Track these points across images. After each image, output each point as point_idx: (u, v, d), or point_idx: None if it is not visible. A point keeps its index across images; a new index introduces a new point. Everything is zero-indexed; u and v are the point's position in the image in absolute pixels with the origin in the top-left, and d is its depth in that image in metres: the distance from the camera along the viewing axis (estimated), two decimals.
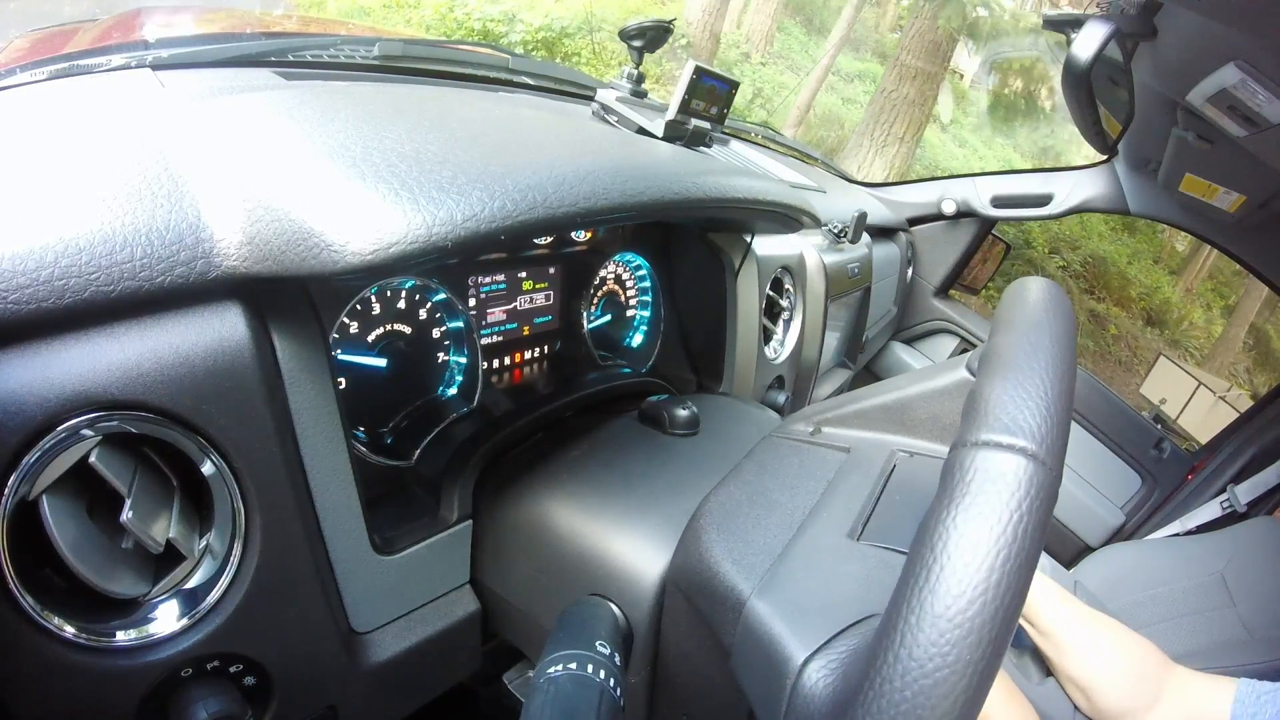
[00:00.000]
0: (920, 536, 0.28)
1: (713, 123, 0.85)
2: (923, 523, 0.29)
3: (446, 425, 0.69)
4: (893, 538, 0.45)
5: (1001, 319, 0.37)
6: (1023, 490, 0.26)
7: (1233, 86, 0.92)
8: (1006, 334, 0.35)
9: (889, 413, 0.57)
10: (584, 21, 5.51)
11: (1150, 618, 1.21)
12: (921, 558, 0.27)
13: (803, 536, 0.46)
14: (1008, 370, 0.31)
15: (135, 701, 0.42)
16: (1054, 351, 0.32)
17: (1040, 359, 0.31)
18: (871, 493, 0.49)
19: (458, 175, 0.41)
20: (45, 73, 0.55)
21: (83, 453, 0.38)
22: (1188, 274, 9.32)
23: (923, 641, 0.25)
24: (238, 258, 0.41)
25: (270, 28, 1.06)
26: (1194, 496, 1.72)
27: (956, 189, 1.91)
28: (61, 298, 0.35)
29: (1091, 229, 7.66)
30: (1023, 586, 0.26)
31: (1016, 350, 0.32)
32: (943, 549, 0.26)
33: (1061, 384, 0.30)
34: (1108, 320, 7.33)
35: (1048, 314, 0.36)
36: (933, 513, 0.28)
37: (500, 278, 0.78)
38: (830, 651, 0.36)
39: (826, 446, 0.58)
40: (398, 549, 0.56)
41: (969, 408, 0.31)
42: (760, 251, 0.95)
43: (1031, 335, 0.33)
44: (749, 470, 0.56)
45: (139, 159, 0.42)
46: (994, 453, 0.27)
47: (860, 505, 0.48)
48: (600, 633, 0.49)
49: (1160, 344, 7.58)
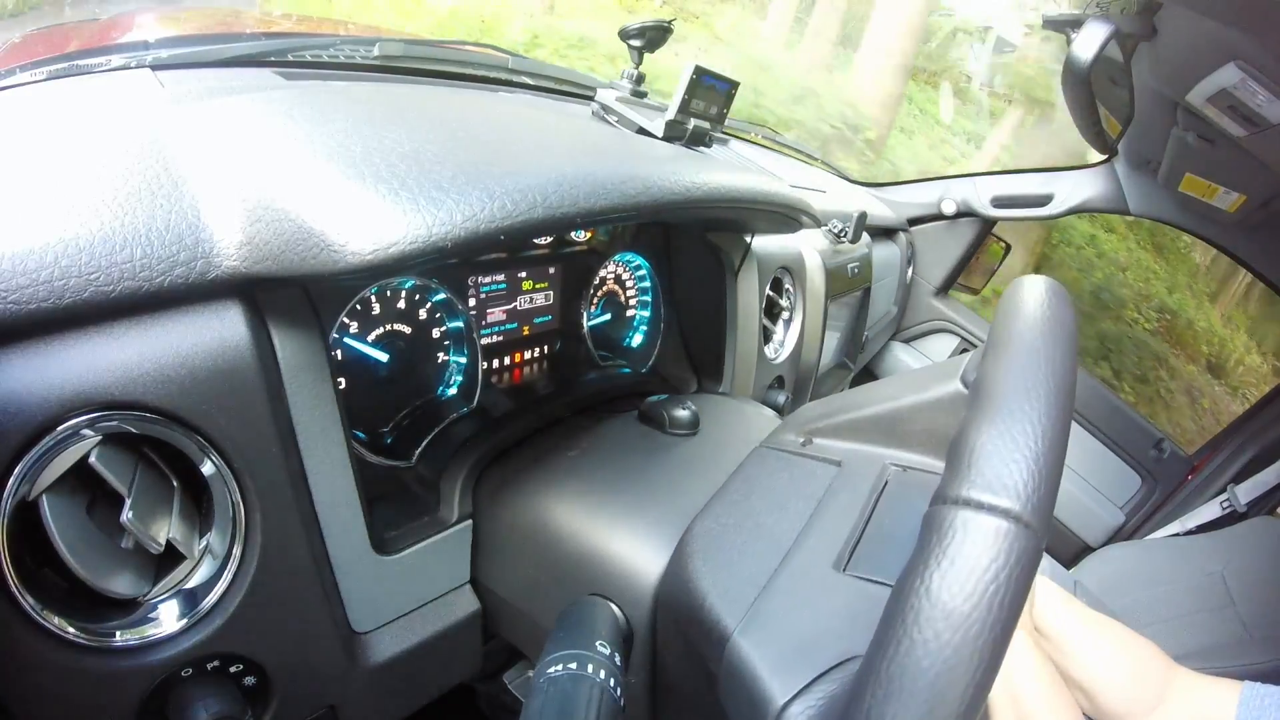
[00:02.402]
0: (894, 601, 0.27)
1: (713, 123, 0.85)
2: (898, 584, 0.28)
3: (446, 425, 0.69)
4: (879, 568, 0.44)
5: (998, 335, 0.35)
6: (1002, 560, 0.25)
7: (1233, 86, 0.92)
8: (1000, 360, 0.33)
9: (882, 424, 0.55)
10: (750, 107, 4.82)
11: (1150, 618, 1.21)
12: (893, 629, 0.26)
13: (788, 566, 0.45)
14: (997, 413, 0.29)
15: (135, 702, 0.42)
16: (1050, 385, 0.30)
17: (1034, 399, 0.29)
18: (861, 515, 0.48)
19: (457, 175, 0.41)
20: (45, 73, 0.55)
21: (83, 453, 0.38)
22: (1223, 298, 8.91)
23: (890, 715, 0.25)
24: (237, 258, 0.41)
25: (270, 28, 1.06)
26: (1194, 496, 1.72)
27: (956, 189, 1.91)
28: (61, 298, 0.35)
29: (1146, 268, 7.01)
30: (996, 659, 0.25)
31: (1009, 387, 0.30)
32: (914, 621, 0.25)
33: (1055, 428, 0.29)
34: (1182, 379, 6.54)
35: (1047, 333, 0.33)
36: (909, 575, 0.27)
37: (500, 278, 0.78)
38: (810, 696, 0.36)
39: (817, 459, 0.56)
40: (398, 549, 0.56)
41: (954, 454, 0.29)
42: (760, 251, 0.95)
43: (1027, 365, 0.31)
44: (738, 488, 0.56)
45: (139, 159, 0.42)
46: (975, 515, 0.26)
47: (849, 530, 0.47)
48: (600, 633, 0.49)
49: (1223, 393, 6.94)
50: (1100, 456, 1.86)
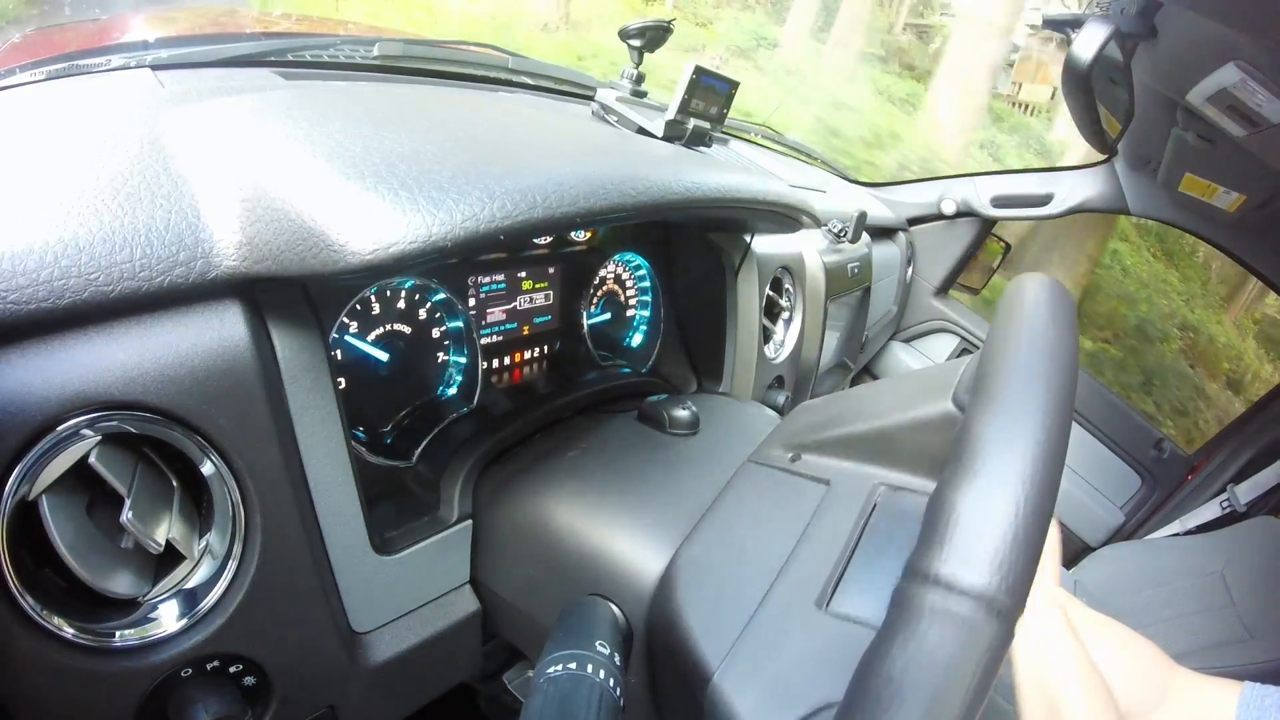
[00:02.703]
0: (858, 681, 0.27)
1: (713, 123, 0.85)
2: (863, 662, 0.28)
3: (446, 425, 0.69)
4: (860, 605, 0.44)
5: (992, 355, 0.33)
6: (968, 654, 0.25)
7: (1233, 86, 0.92)
8: (989, 402, 0.31)
9: (871, 443, 0.54)
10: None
11: (1150, 617, 1.21)
12: (855, 712, 0.26)
13: (770, 602, 0.45)
14: (978, 472, 0.28)
15: (135, 702, 0.42)
16: (1043, 424, 0.29)
17: (1021, 450, 0.28)
18: (847, 543, 0.48)
19: (457, 175, 0.41)
20: (45, 73, 0.55)
21: (83, 453, 0.38)
22: (1233, 306, 8.78)
23: None
24: (237, 258, 0.41)
25: (270, 28, 1.06)
26: (1194, 496, 1.72)
27: (956, 189, 1.91)
28: (61, 298, 0.35)
29: (1162, 280, 6.88)
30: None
31: (996, 438, 0.29)
32: (875, 704, 0.25)
33: (1041, 491, 0.27)
34: (1216, 407, 6.36)
35: (1045, 355, 0.31)
36: (875, 656, 0.27)
37: (500, 277, 0.78)
38: None
39: (806, 478, 0.56)
40: (397, 549, 0.56)
41: (932, 513, 0.29)
42: (760, 251, 0.95)
43: (1018, 405, 0.30)
44: (725, 509, 0.55)
45: (138, 159, 0.42)
46: (945, 599, 0.26)
47: (834, 561, 0.47)
48: (600, 632, 0.49)
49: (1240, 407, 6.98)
50: (1100, 456, 1.86)
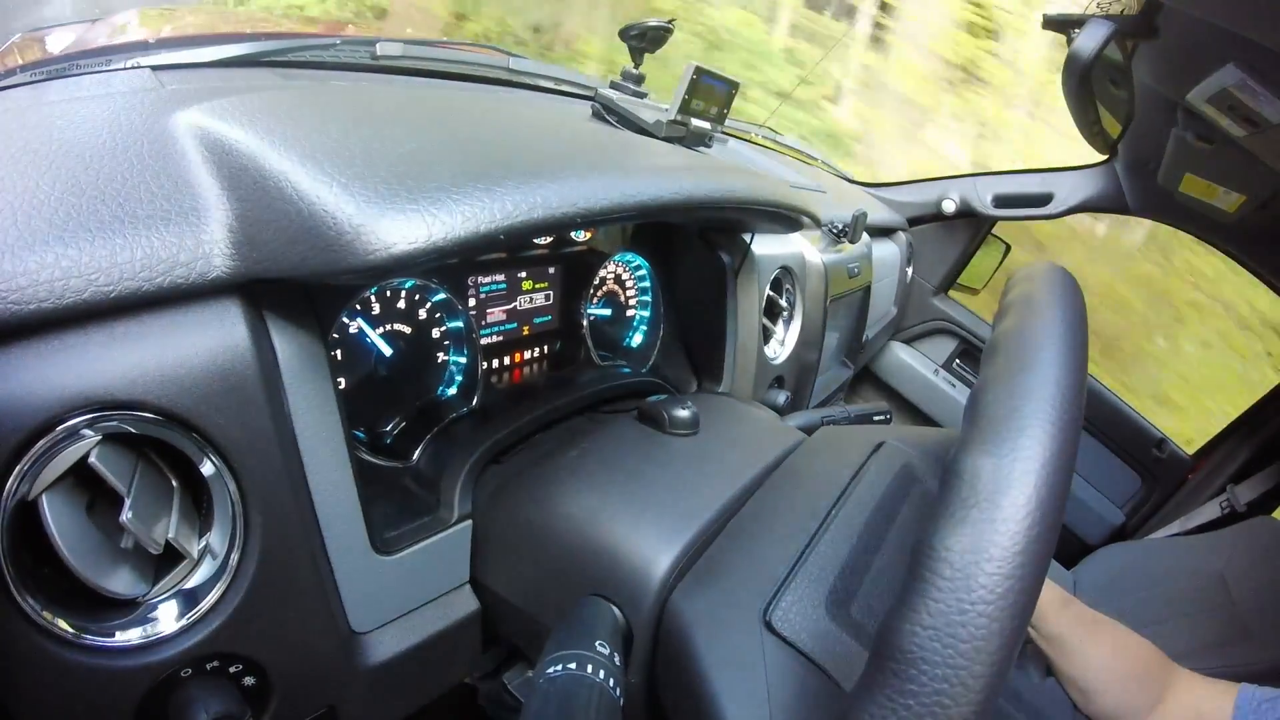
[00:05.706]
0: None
1: (713, 123, 0.85)
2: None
3: (446, 425, 0.69)
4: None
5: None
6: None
7: (1233, 86, 0.93)
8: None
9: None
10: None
11: (1150, 617, 1.21)
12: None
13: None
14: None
15: (135, 702, 0.42)
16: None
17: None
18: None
19: (457, 175, 0.41)
20: (45, 73, 0.55)
21: (82, 452, 0.38)
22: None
23: None
24: (237, 258, 0.41)
25: (269, 28, 1.06)
26: (1194, 496, 1.72)
27: (956, 189, 1.91)
28: (61, 298, 0.35)
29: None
30: None
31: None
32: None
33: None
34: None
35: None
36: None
37: (500, 278, 0.78)
38: None
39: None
40: (397, 549, 0.56)
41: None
42: (760, 251, 0.95)
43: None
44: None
45: (139, 159, 0.42)
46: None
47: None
48: (600, 633, 0.49)
49: None
50: (1100, 456, 1.86)
